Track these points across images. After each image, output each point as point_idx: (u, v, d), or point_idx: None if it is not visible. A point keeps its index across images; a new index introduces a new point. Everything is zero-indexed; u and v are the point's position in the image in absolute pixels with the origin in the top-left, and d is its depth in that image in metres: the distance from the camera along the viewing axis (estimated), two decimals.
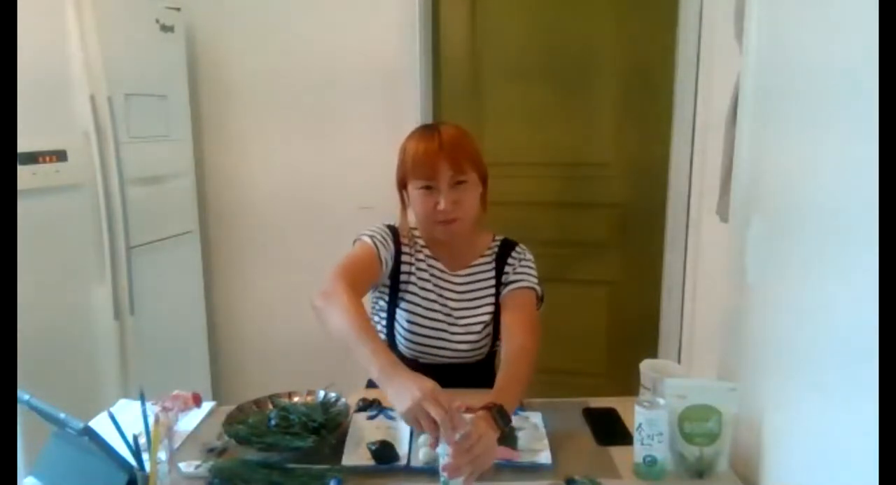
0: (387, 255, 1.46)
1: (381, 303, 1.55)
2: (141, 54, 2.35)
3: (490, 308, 1.52)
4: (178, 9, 2.53)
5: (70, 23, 2.05)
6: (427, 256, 1.54)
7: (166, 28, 2.46)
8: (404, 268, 1.51)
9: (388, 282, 1.52)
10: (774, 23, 1.10)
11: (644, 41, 2.44)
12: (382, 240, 1.46)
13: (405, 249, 1.52)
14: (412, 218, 1.51)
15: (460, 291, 1.52)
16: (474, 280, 1.53)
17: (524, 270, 1.52)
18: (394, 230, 1.52)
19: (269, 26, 2.66)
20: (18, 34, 1.33)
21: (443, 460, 1.04)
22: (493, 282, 1.53)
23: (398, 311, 1.51)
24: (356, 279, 1.33)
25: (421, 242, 1.55)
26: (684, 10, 2.28)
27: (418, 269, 1.52)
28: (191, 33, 2.68)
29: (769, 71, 1.12)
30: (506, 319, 1.45)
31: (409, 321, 1.50)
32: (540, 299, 1.51)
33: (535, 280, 1.51)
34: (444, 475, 1.04)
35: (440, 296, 1.52)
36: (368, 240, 1.45)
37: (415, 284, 1.52)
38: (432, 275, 1.53)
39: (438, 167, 1.38)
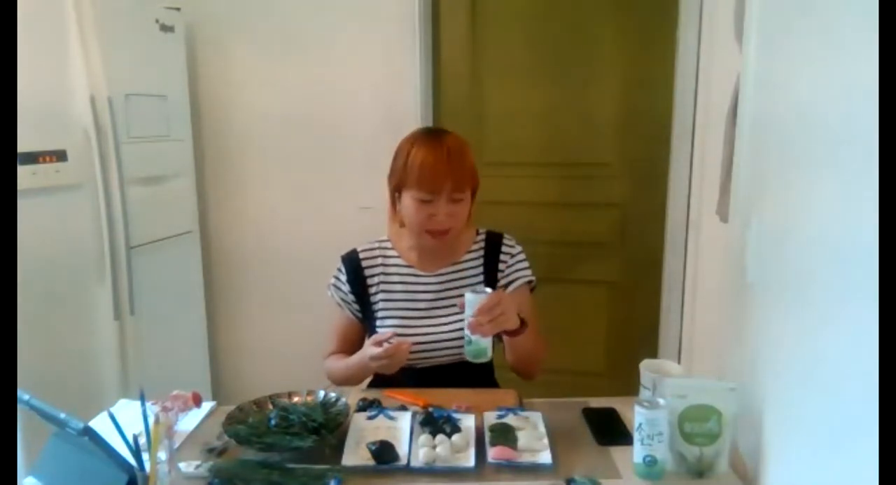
0: (348, 299, 1.56)
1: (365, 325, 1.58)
2: (141, 54, 2.35)
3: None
4: (178, 9, 2.53)
5: (70, 23, 2.05)
6: (398, 263, 1.55)
7: (166, 28, 2.46)
8: (372, 289, 1.54)
9: (360, 313, 1.56)
10: (774, 23, 1.10)
11: (644, 41, 2.44)
12: (341, 291, 1.56)
13: (369, 271, 1.54)
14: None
15: (438, 289, 1.52)
16: (457, 278, 1.53)
17: (518, 265, 1.54)
18: (351, 262, 1.56)
19: (268, 26, 2.66)
20: (18, 34, 1.34)
21: (467, 321, 1.26)
22: (480, 277, 1.53)
23: (378, 329, 1.52)
24: (345, 346, 1.58)
25: (393, 252, 1.56)
26: (684, 10, 2.29)
27: (389, 283, 1.54)
28: (191, 33, 2.68)
29: (769, 71, 1.12)
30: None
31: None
32: (533, 287, 1.56)
33: (529, 272, 1.54)
34: (468, 335, 1.27)
35: (415, 300, 1.52)
36: (331, 298, 1.58)
37: (386, 300, 1.53)
38: (404, 282, 1.53)
39: (443, 184, 1.39)
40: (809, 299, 0.93)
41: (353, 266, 1.55)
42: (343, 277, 1.55)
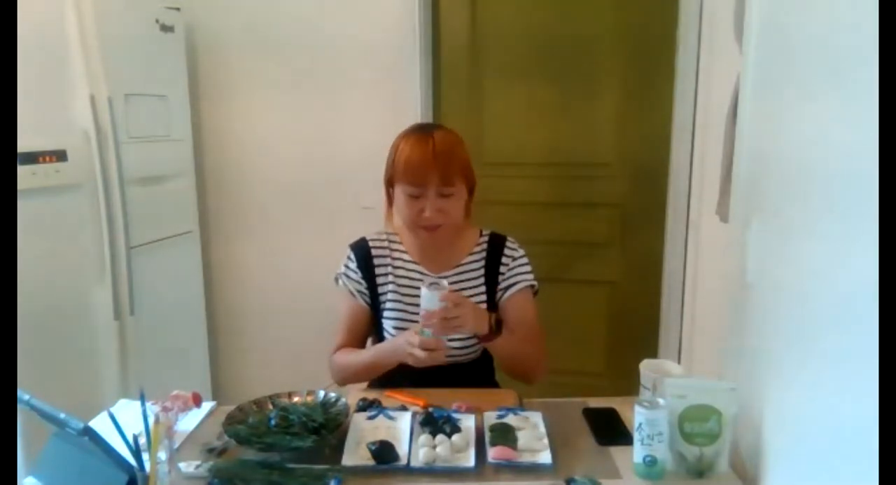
0: (360, 287, 1.54)
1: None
2: (141, 54, 2.35)
3: (481, 306, 1.51)
4: (178, 9, 2.53)
5: (70, 22, 2.05)
6: (406, 260, 1.54)
7: (166, 28, 2.46)
8: (380, 280, 1.53)
9: (371, 301, 1.55)
10: (774, 23, 1.10)
11: (644, 41, 2.44)
12: (352, 280, 1.54)
13: (378, 261, 1.54)
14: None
15: None
16: (460, 280, 1.53)
17: (519, 269, 1.53)
18: (361, 249, 1.54)
19: (269, 26, 2.66)
20: (18, 34, 1.33)
21: (420, 313, 1.30)
22: (482, 280, 1.53)
23: (384, 321, 1.52)
24: (353, 339, 1.54)
25: (400, 246, 1.55)
26: (684, 10, 2.29)
27: (396, 276, 1.53)
28: (191, 33, 2.68)
29: (769, 70, 1.12)
30: (508, 327, 1.46)
31: (395, 328, 1.51)
32: (535, 291, 1.55)
33: (531, 276, 1.53)
34: (421, 327, 1.31)
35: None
36: (342, 286, 1.55)
37: (395, 292, 1.52)
38: (412, 279, 1.53)
39: (428, 177, 1.39)
40: (809, 299, 0.93)
41: (363, 254, 1.54)
42: (353, 265, 1.54)
